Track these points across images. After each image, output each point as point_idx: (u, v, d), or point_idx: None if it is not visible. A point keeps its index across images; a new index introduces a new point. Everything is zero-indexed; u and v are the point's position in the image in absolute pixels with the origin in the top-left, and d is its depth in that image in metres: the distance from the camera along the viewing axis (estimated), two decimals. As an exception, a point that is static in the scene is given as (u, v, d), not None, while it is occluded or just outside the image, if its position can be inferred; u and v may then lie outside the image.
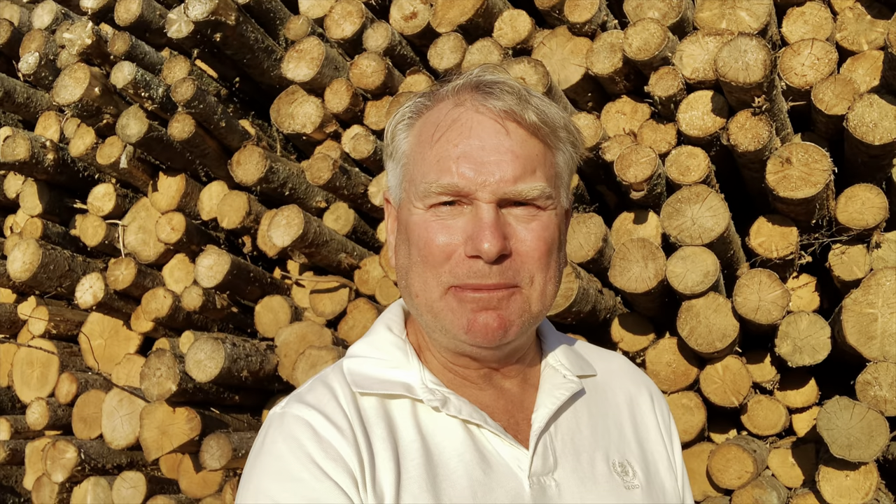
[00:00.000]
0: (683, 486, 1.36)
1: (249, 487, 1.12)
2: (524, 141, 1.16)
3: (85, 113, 3.62)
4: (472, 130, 1.15)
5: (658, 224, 3.04)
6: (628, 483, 1.23)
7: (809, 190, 2.66)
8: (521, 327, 1.17)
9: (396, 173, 1.25)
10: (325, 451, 1.11)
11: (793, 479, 2.95)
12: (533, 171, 1.15)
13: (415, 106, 1.24)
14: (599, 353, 1.43)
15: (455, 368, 1.24)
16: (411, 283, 1.19)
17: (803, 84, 2.78)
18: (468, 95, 1.18)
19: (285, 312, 3.55)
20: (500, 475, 1.16)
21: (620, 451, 1.27)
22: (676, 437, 1.39)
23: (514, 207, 1.16)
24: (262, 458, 1.13)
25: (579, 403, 1.29)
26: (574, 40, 3.18)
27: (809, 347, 2.77)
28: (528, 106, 1.16)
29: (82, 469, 3.47)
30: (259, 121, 3.93)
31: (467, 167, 1.14)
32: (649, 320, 3.17)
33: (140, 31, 3.70)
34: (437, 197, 1.15)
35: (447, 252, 1.15)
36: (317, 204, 3.60)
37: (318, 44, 3.39)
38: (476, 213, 1.14)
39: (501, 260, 1.13)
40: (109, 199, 3.91)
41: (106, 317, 3.94)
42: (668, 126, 3.01)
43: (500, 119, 1.15)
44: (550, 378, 1.28)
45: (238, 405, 3.56)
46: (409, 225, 1.19)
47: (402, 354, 1.25)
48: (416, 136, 1.22)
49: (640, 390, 1.38)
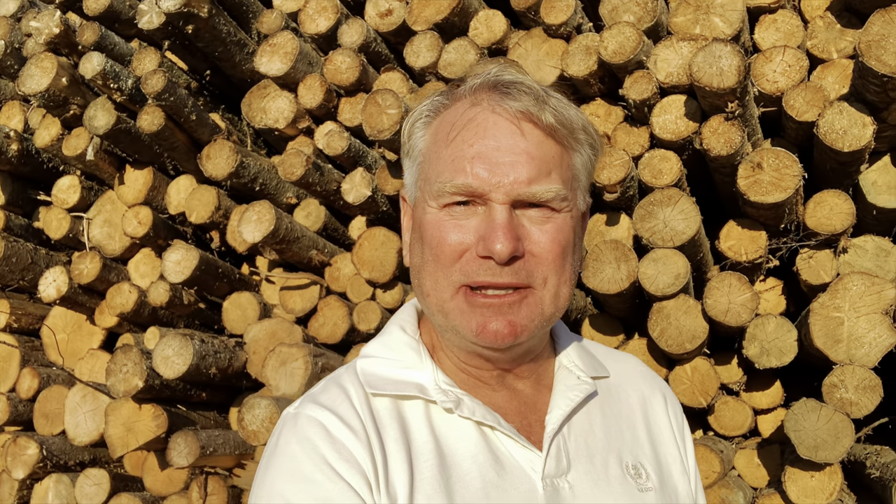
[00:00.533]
0: (696, 488, 1.36)
1: (263, 488, 1.11)
2: (540, 142, 1.15)
3: (51, 103, 3.55)
4: (487, 130, 1.14)
5: (630, 226, 3.06)
6: (641, 485, 1.23)
7: (779, 195, 2.70)
8: (533, 331, 1.17)
9: (412, 171, 1.24)
10: (339, 452, 1.10)
11: (758, 480, 3.00)
12: (548, 173, 1.14)
13: (432, 104, 1.23)
14: (613, 355, 1.43)
15: (468, 369, 1.23)
16: (423, 282, 1.18)
17: (775, 90, 2.83)
18: (485, 95, 1.17)
19: (254, 309, 3.52)
20: (514, 477, 1.15)
21: (634, 453, 1.27)
22: (690, 439, 1.39)
23: (528, 209, 1.15)
24: (276, 458, 1.13)
25: (592, 405, 1.29)
26: (549, 42, 3.19)
27: (776, 350, 2.82)
28: (546, 107, 1.15)
29: (44, 466, 3.41)
30: (229, 115, 3.89)
31: (482, 167, 1.13)
32: (619, 321, 3.20)
33: (109, 22, 3.63)
34: (451, 197, 1.15)
35: (459, 251, 1.14)
36: (288, 200, 3.57)
37: (292, 38, 3.36)
38: (489, 213, 1.13)
39: (514, 261, 1.13)
40: (74, 192, 3.84)
41: (69, 311, 3.87)
42: (641, 129, 3.04)
43: (516, 120, 1.14)
44: (564, 379, 1.28)
45: (205, 402, 3.52)
46: (423, 224, 1.18)
47: (416, 355, 1.24)
48: (432, 134, 1.21)
49: (653, 392, 1.38)
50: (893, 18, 2.40)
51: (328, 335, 3.32)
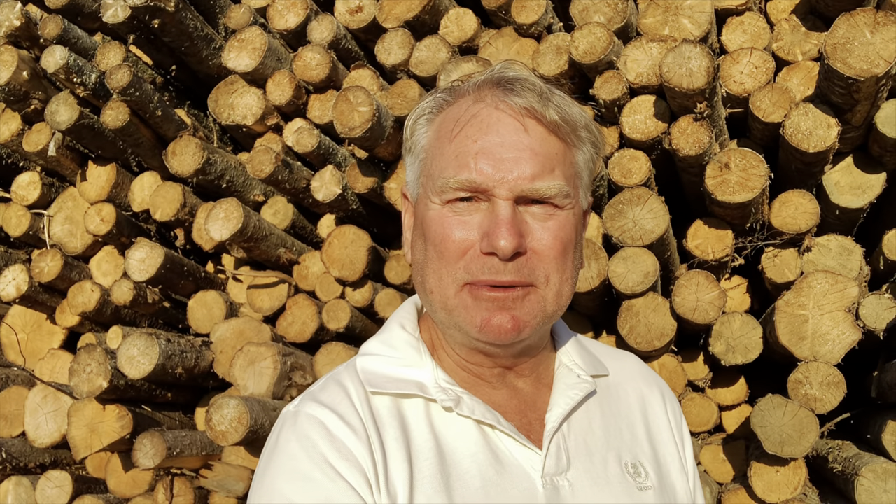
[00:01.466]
0: (695, 487, 1.37)
1: (263, 486, 1.10)
2: (544, 139, 1.15)
3: (11, 97, 3.47)
4: (491, 127, 1.14)
5: (600, 225, 3.08)
6: (640, 484, 1.24)
7: (746, 195, 2.74)
8: (535, 328, 1.17)
9: (415, 168, 1.24)
10: (339, 450, 1.10)
11: (724, 475, 3.05)
12: (551, 170, 1.15)
13: (435, 101, 1.23)
14: (612, 353, 1.44)
15: (469, 366, 1.23)
16: (426, 279, 1.18)
17: (742, 91, 2.87)
18: (489, 91, 1.17)
19: (220, 308, 3.47)
20: (513, 475, 1.15)
21: (633, 451, 1.28)
22: (688, 438, 1.40)
23: (531, 205, 1.15)
24: (276, 457, 1.12)
25: (592, 403, 1.29)
26: (520, 41, 3.21)
27: (742, 347, 2.86)
28: (549, 104, 1.15)
29: (3, 469, 3.33)
30: (195, 111, 3.83)
31: (485, 163, 1.13)
32: (588, 319, 3.23)
33: (72, 15, 3.56)
34: (455, 192, 1.14)
35: (463, 248, 1.14)
36: (255, 198, 3.54)
37: (261, 34, 3.33)
38: (493, 209, 1.13)
39: (517, 257, 1.13)
40: (35, 188, 3.75)
41: (28, 310, 3.79)
42: (611, 129, 3.06)
43: (519, 116, 1.14)
44: (564, 378, 1.28)
45: (170, 403, 3.46)
46: (426, 220, 1.18)
47: (416, 353, 1.24)
48: (435, 131, 1.21)
49: (652, 391, 1.39)
50: (858, 22, 2.45)
51: (297, 334, 3.29)
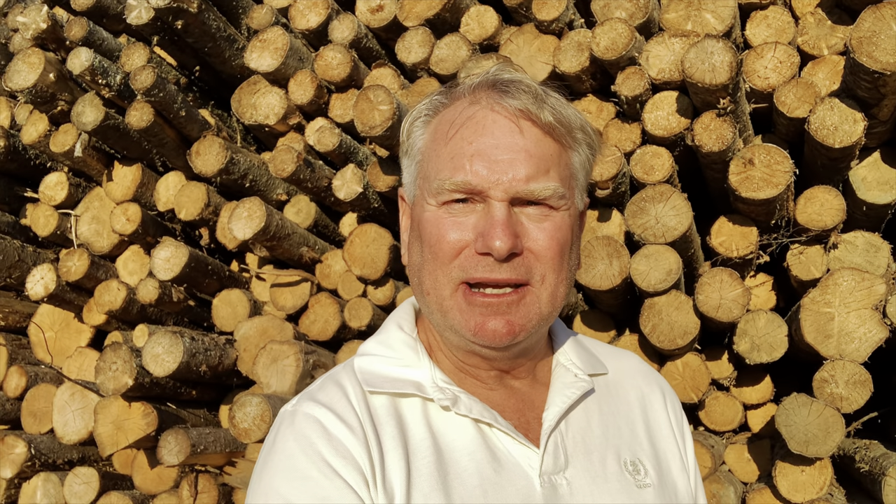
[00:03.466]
0: (696, 485, 1.36)
1: (260, 485, 1.11)
2: (539, 140, 1.15)
3: (38, 99, 3.52)
4: (486, 128, 1.15)
5: (622, 222, 3.07)
6: (640, 482, 1.23)
7: (771, 191, 2.71)
8: (531, 331, 1.17)
9: (411, 170, 1.24)
10: (336, 449, 1.10)
11: (749, 475, 3.01)
12: (546, 171, 1.15)
13: (431, 103, 1.23)
14: (612, 352, 1.43)
15: (466, 368, 1.23)
16: (423, 281, 1.18)
17: (766, 86, 2.84)
18: (484, 94, 1.18)
19: (244, 306, 3.50)
20: (511, 474, 1.15)
21: (632, 449, 1.27)
22: (689, 436, 1.39)
23: (526, 207, 1.16)
24: (274, 456, 1.12)
25: (591, 402, 1.29)
26: (541, 38, 3.19)
27: (767, 345, 2.83)
28: (544, 105, 1.15)
29: (32, 464, 3.38)
30: (219, 111, 3.86)
31: (481, 165, 1.13)
32: (611, 317, 3.20)
33: (97, 17, 3.60)
34: (450, 194, 1.15)
35: (458, 248, 1.14)
36: (278, 197, 3.56)
37: (283, 34, 3.34)
38: (488, 210, 1.13)
39: (512, 258, 1.13)
40: (62, 188, 3.80)
41: (56, 309, 3.84)
42: (633, 125, 3.04)
43: (514, 118, 1.15)
44: (561, 377, 1.28)
45: (195, 400, 3.49)
46: (422, 221, 1.18)
47: (413, 353, 1.24)
48: (431, 133, 1.21)
49: (652, 389, 1.38)
50: (884, 15, 2.41)
51: (319, 332, 3.31)
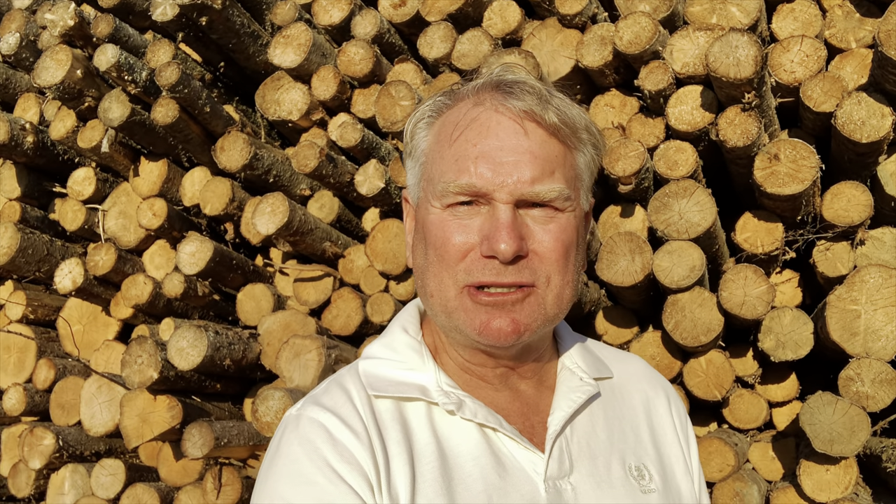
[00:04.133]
0: (700, 489, 1.35)
1: (265, 490, 1.11)
2: (543, 142, 1.15)
3: (66, 95, 3.56)
4: (490, 130, 1.14)
5: (645, 218, 3.04)
6: (644, 487, 1.23)
7: (797, 186, 2.67)
8: (535, 330, 1.16)
9: (415, 172, 1.24)
10: (341, 454, 1.10)
11: (773, 473, 2.98)
12: (551, 173, 1.14)
13: (435, 105, 1.23)
14: (617, 355, 1.43)
15: (471, 368, 1.23)
16: (427, 283, 1.18)
17: (792, 81, 2.80)
18: (488, 95, 1.17)
19: (268, 301, 3.52)
20: (516, 479, 1.15)
21: (637, 454, 1.27)
22: (693, 439, 1.38)
23: (531, 208, 1.15)
24: (278, 460, 1.12)
25: (595, 406, 1.28)
26: (564, 32, 3.17)
27: (792, 342, 2.79)
28: (549, 106, 1.15)
29: (60, 456, 3.43)
30: (243, 106, 3.89)
31: (485, 167, 1.13)
32: (633, 313, 3.18)
33: (124, 14, 3.64)
34: (455, 196, 1.14)
35: (463, 251, 1.14)
36: (301, 192, 3.57)
37: (306, 30, 3.35)
38: (493, 213, 1.13)
39: (517, 261, 1.13)
40: (89, 184, 3.85)
41: (84, 302, 3.89)
42: (656, 120, 3.02)
43: (519, 119, 1.14)
44: (567, 380, 1.28)
45: (219, 393, 3.53)
46: (427, 224, 1.18)
47: (418, 356, 1.24)
48: (435, 135, 1.21)
49: (657, 392, 1.37)
50: (913, 7, 2.37)
51: (341, 327, 3.32)
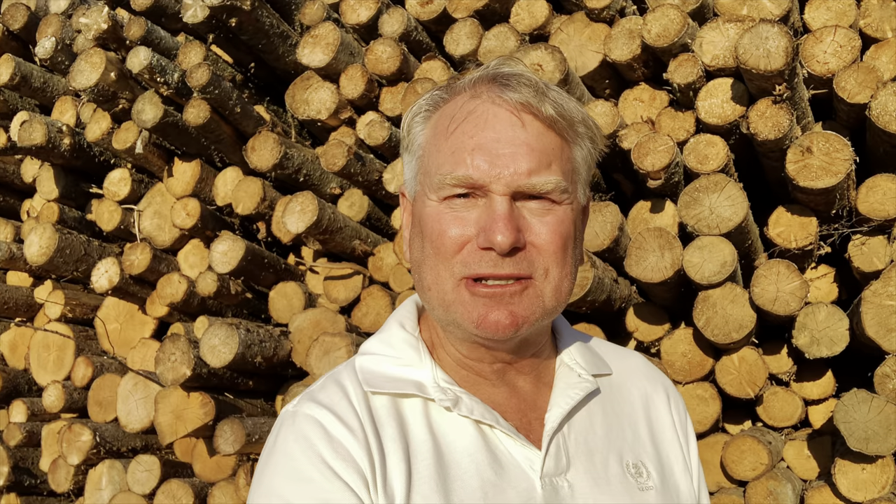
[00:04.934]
0: (699, 486, 1.34)
1: (261, 487, 1.12)
2: (540, 134, 1.14)
3: (101, 98, 3.62)
4: (487, 122, 1.14)
5: (675, 213, 3.00)
6: (642, 484, 1.22)
7: (830, 180, 2.62)
8: (534, 323, 1.15)
9: (412, 166, 1.24)
10: (336, 451, 1.10)
11: (808, 472, 2.93)
12: (548, 165, 1.14)
13: (432, 98, 1.23)
14: (616, 351, 1.41)
15: (469, 363, 1.22)
16: (424, 277, 1.18)
17: (825, 72, 2.74)
18: (485, 87, 1.17)
19: (299, 299, 3.55)
20: (512, 475, 1.15)
21: (635, 451, 1.25)
22: (693, 436, 1.36)
23: (528, 201, 1.14)
24: (274, 457, 1.13)
25: (594, 403, 1.27)
26: (592, 26, 3.15)
27: (827, 339, 2.74)
28: (546, 99, 1.14)
29: (97, 452, 3.49)
30: (274, 107, 3.92)
31: (482, 159, 1.12)
32: (665, 310, 3.15)
33: (156, 16, 3.69)
34: (452, 189, 1.14)
35: (459, 244, 1.14)
36: (331, 190, 3.59)
37: (334, 29, 3.37)
38: (490, 205, 1.13)
39: (515, 253, 1.12)
40: (125, 184, 3.91)
41: (121, 301, 3.96)
42: (686, 114, 2.98)
43: (516, 111, 1.14)
44: (565, 377, 1.27)
45: (252, 390, 3.56)
46: (423, 217, 1.18)
47: (415, 352, 1.24)
48: (432, 128, 1.21)
49: (656, 389, 1.36)
50: (950, -6, 2.30)
51: (371, 324, 3.33)
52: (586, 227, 2.92)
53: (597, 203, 3.00)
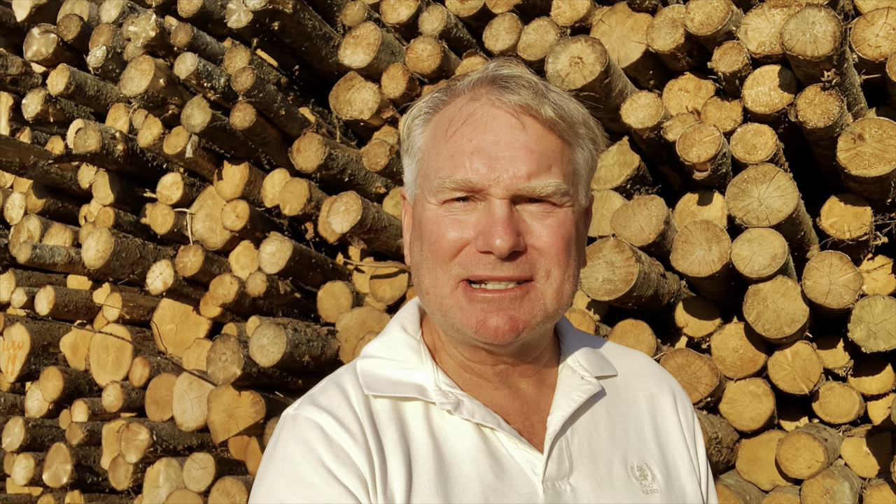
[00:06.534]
0: (708, 488, 1.30)
1: (261, 490, 1.12)
2: (540, 136, 1.12)
3: (151, 104, 3.70)
4: (486, 125, 1.13)
5: (723, 205, 2.94)
6: (647, 487, 1.19)
7: (884, 167, 2.52)
8: (534, 327, 1.14)
9: (412, 169, 1.23)
10: (336, 455, 1.10)
11: (867, 469, 2.84)
12: (548, 168, 1.12)
13: (431, 101, 1.22)
14: (622, 353, 1.38)
15: (471, 366, 1.21)
16: (423, 280, 1.17)
17: (878, 56, 2.64)
18: (484, 90, 1.16)
19: (346, 298, 3.58)
20: (514, 479, 1.13)
21: (640, 454, 1.23)
22: (701, 438, 1.33)
23: (528, 204, 1.13)
24: (275, 461, 1.13)
25: (598, 405, 1.25)
26: (634, 16, 3.09)
27: (885, 332, 2.65)
28: (546, 101, 1.13)
29: (154, 450, 3.58)
30: (319, 108, 3.96)
31: (480, 163, 1.11)
32: (715, 304, 3.08)
33: (202, 22, 3.76)
34: (451, 192, 1.13)
35: (458, 247, 1.13)
36: (376, 190, 3.61)
37: (375, 29, 3.38)
38: (489, 208, 1.11)
39: (515, 257, 1.10)
40: (177, 188, 3.99)
41: (177, 302, 4.05)
42: (733, 103, 2.91)
43: (515, 113, 1.12)
44: (567, 379, 1.25)
45: (301, 389, 3.60)
46: (422, 220, 1.17)
47: (416, 355, 1.23)
48: (431, 131, 1.20)
49: (662, 390, 1.33)
50: None
51: (416, 323, 3.34)
52: (631, 222, 2.89)
53: (642, 196, 2.95)
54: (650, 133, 2.95)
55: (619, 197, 3.17)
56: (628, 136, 3.18)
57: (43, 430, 4.10)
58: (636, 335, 2.91)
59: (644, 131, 2.93)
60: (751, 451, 2.97)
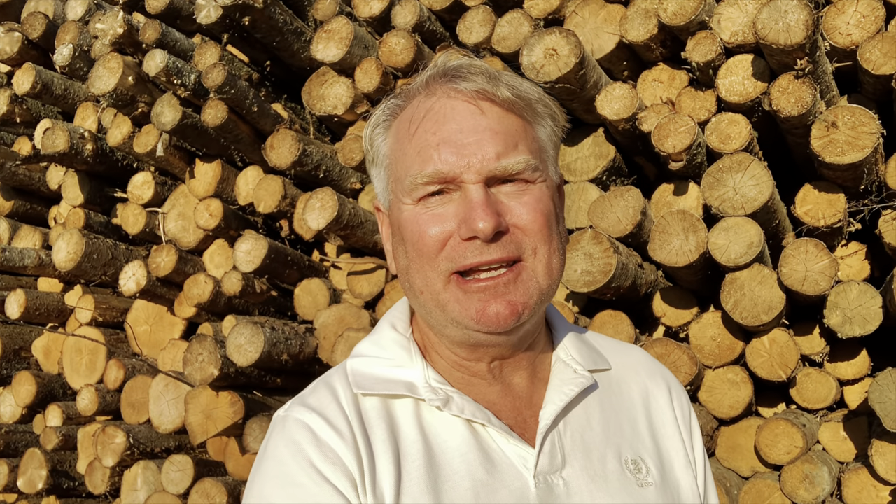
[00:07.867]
0: (705, 481, 1.31)
1: (252, 492, 1.13)
2: (501, 117, 1.14)
3: (120, 102, 3.65)
4: (447, 116, 1.14)
5: (699, 195, 2.95)
6: (641, 481, 1.19)
7: (857, 154, 2.55)
8: (533, 307, 1.14)
9: (381, 177, 1.24)
10: (325, 454, 1.10)
11: (845, 454, 2.87)
12: (515, 146, 1.13)
13: (388, 108, 1.23)
14: (616, 346, 1.39)
15: (463, 364, 1.21)
16: (413, 281, 1.17)
17: (849, 44, 2.67)
18: (438, 84, 1.18)
19: (324, 295, 3.55)
20: (505, 475, 1.13)
21: (634, 447, 1.23)
22: (697, 431, 1.33)
23: (502, 185, 1.14)
24: (265, 462, 1.14)
25: (591, 399, 1.25)
26: (607, 8, 3.09)
27: (860, 318, 2.68)
28: (500, 83, 1.15)
29: (132, 453, 3.53)
30: (292, 104, 3.92)
31: (448, 152, 1.12)
32: (692, 294, 3.10)
33: (171, 19, 3.70)
34: (424, 188, 1.14)
35: (441, 241, 1.13)
36: (352, 185, 3.58)
37: (347, 23, 3.35)
38: (465, 195, 1.12)
39: (499, 238, 1.11)
40: (148, 188, 3.94)
41: (150, 303, 3.99)
42: (707, 93, 2.92)
43: (473, 100, 1.14)
44: (560, 373, 1.25)
45: (280, 388, 3.58)
46: (401, 223, 1.17)
47: (406, 353, 1.23)
48: (393, 135, 1.21)
49: (657, 384, 1.33)
50: (976, -43, 2.22)
51: (396, 318, 3.32)
52: (608, 213, 2.89)
53: (618, 188, 2.95)
54: (625, 124, 2.95)
55: (596, 188, 3.17)
56: (604, 127, 3.19)
57: (16, 436, 4.04)
58: (615, 326, 2.92)
59: (619, 122, 2.94)
60: (730, 438, 2.99)
